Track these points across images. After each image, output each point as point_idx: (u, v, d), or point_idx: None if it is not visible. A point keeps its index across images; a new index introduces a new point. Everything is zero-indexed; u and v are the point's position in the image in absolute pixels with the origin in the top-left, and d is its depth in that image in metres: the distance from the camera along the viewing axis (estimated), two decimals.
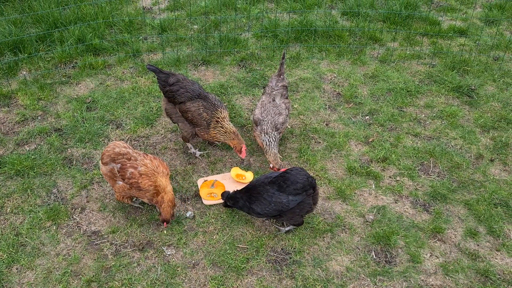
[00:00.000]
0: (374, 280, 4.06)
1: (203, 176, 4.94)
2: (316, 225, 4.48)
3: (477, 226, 4.56)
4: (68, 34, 6.63)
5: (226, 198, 4.42)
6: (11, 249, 4.17)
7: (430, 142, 5.46)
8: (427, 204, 4.76)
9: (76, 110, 5.66)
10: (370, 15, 7.69)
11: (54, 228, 4.37)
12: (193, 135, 5.02)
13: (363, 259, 4.22)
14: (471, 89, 6.29)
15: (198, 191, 4.74)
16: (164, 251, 4.21)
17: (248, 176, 4.88)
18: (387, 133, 5.58)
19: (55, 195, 4.68)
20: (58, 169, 4.94)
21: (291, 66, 6.64)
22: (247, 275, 4.06)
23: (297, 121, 5.71)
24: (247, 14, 7.60)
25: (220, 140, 4.90)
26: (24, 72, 6.23)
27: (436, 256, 4.28)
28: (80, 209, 4.56)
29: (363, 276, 4.09)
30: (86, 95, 5.91)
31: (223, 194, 4.47)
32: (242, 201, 4.25)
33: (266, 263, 4.16)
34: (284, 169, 4.67)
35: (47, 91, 5.92)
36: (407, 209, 4.70)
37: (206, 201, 4.64)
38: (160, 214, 4.26)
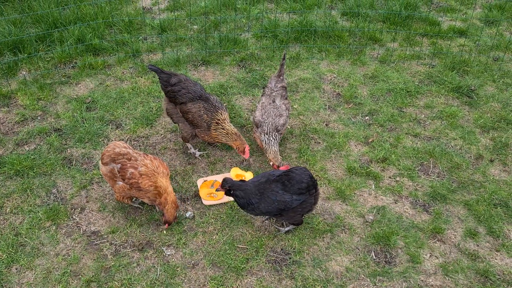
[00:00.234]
0: (374, 281, 4.06)
1: (203, 176, 4.94)
2: (316, 226, 4.48)
3: (477, 227, 4.56)
4: (68, 34, 6.63)
5: (237, 186, 4.09)
6: (11, 249, 4.16)
7: (430, 143, 5.46)
8: (427, 205, 4.76)
9: (76, 110, 5.66)
10: (370, 16, 7.69)
11: (54, 228, 4.37)
12: (193, 136, 5.01)
13: (363, 260, 4.22)
14: (471, 90, 6.29)
15: (198, 191, 4.74)
16: (164, 251, 4.21)
17: (248, 176, 4.87)
18: (387, 134, 5.58)
19: (55, 195, 4.68)
20: (58, 169, 4.93)
21: (291, 67, 6.63)
22: (247, 275, 4.06)
23: (297, 122, 5.70)
24: (247, 15, 7.60)
25: (222, 142, 4.89)
26: (24, 72, 6.23)
27: (436, 257, 4.28)
28: (80, 209, 4.56)
29: (363, 277, 4.09)
30: (86, 95, 5.91)
31: (227, 181, 4.11)
32: (253, 196, 4.03)
33: (266, 263, 4.15)
34: (285, 167, 4.67)
35: (47, 91, 5.91)
36: (407, 210, 4.70)
37: (206, 201, 4.64)
38: (163, 215, 4.26)
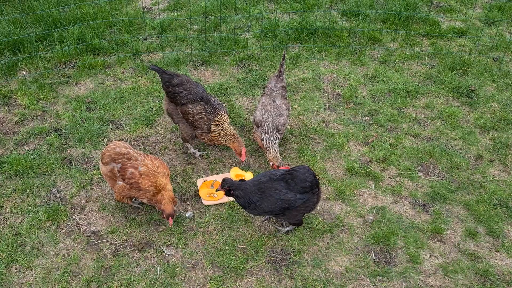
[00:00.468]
0: (374, 281, 4.06)
1: (203, 176, 4.94)
2: (316, 226, 4.48)
3: (477, 227, 4.56)
4: (68, 34, 6.62)
5: (236, 186, 4.05)
6: (10, 249, 4.16)
7: (430, 143, 5.46)
8: (427, 205, 4.76)
9: (76, 110, 5.66)
10: (370, 16, 7.69)
11: (54, 228, 4.37)
12: (193, 137, 5.02)
13: (363, 260, 4.22)
14: (471, 90, 6.29)
15: (198, 191, 4.74)
16: (164, 251, 4.21)
17: (248, 176, 4.87)
18: (387, 134, 5.58)
19: (55, 195, 4.67)
20: (58, 169, 4.93)
21: (291, 67, 6.63)
22: (247, 276, 4.06)
23: (297, 122, 5.70)
24: (247, 15, 7.60)
25: (221, 143, 4.90)
26: (24, 72, 6.23)
27: (436, 257, 4.28)
28: (80, 209, 4.56)
29: (363, 277, 4.09)
30: (86, 95, 5.91)
31: (227, 181, 4.06)
32: (253, 195, 4.01)
33: (266, 264, 4.15)
34: (285, 167, 4.66)
35: (47, 91, 5.91)
36: (407, 210, 4.70)
37: (206, 201, 4.64)
38: (163, 213, 4.22)
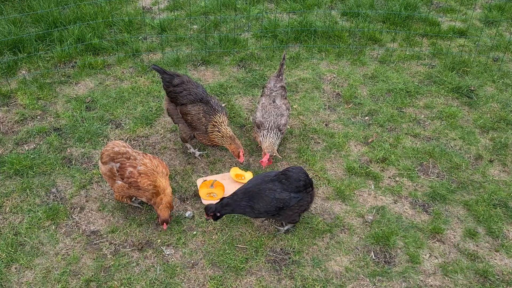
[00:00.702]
0: (373, 281, 4.06)
1: (203, 176, 4.94)
2: (315, 226, 4.48)
3: (476, 227, 4.56)
4: (68, 34, 6.62)
5: (219, 208, 4.09)
6: (10, 249, 4.16)
7: (430, 143, 5.47)
8: (427, 205, 4.76)
9: (76, 110, 5.66)
10: (370, 16, 7.69)
11: (53, 228, 4.37)
12: (192, 138, 5.02)
13: (362, 260, 4.22)
14: (471, 90, 6.29)
15: (198, 191, 4.74)
16: (163, 251, 4.21)
17: (248, 176, 4.87)
18: (387, 134, 5.58)
19: (54, 195, 4.67)
20: (57, 169, 4.93)
21: (291, 67, 6.63)
22: (246, 275, 4.06)
23: (297, 122, 5.70)
24: (247, 14, 7.60)
25: (219, 144, 4.89)
26: (24, 72, 6.22)
27: (435, 257, 4.28)
28: (79, 209, 4.56)
29: (362, 277, 4.09)
30: (86, 95, 5.91)
31: (208, 208, 4.10)
32: (244, 203, 4.08)
33: (265, 263, 4.15)
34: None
35: (47, 91, 5.91)
36: (407, 210, 4.70)
37: (206, 201, 4.63)
38: (158, 216, 4.25)
